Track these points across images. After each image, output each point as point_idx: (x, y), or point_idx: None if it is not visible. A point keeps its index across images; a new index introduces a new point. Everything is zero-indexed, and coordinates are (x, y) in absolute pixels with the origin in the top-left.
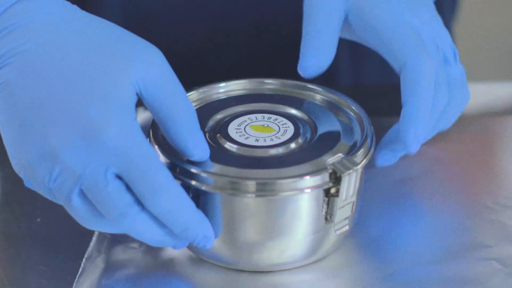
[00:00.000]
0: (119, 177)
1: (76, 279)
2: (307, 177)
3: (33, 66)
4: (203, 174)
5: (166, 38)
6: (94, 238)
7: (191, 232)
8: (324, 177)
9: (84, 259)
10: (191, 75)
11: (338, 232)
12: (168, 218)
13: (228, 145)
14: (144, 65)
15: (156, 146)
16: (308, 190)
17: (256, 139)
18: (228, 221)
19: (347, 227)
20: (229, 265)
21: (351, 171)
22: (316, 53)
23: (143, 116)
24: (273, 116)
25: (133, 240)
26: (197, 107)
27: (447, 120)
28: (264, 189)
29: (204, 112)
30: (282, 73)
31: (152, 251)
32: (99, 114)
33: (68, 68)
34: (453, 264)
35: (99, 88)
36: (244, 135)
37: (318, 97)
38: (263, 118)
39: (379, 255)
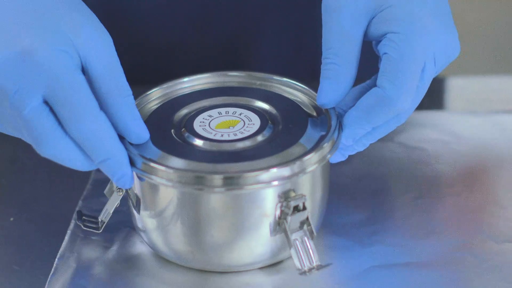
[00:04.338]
0: (45, 102)
1: (49, 278)
2: (274, 170)
3: None
4: (169, 170)
5: (145, 31)
6: (66, 238)
7: (111, 165)
8: (292, 168)
9: (56, 259)
10: (169, 67)
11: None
12: (88, 145)
13: (193, 140)
14: (92, 37)
15: None
16: (276, 183)
17: (221, 134)
18: (197, 219)
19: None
20: (200, 266)
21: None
22: (335, 88)
23: None
24: (239, 110)
25: (105, 239)
26: (162, 103)
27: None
28: (230, 183)
29: (169, 108)
30: (261, 64)
31: (125, 251)
32: (37, 40)
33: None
34: (428, 260)
35: (43, 24)
36: (209, 129)
37: (285, 89)
38: (228, 113)
39: (351, 252)
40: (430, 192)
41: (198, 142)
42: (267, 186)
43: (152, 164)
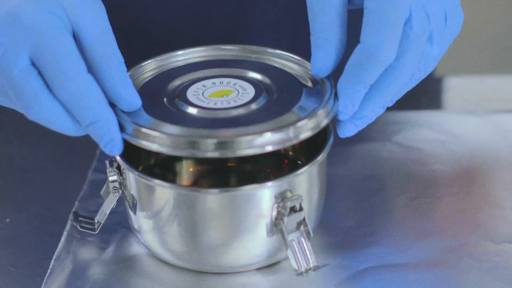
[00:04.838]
0: (33, 64)
1: (45, 279)
2: (268, 134)
3: None
4: (162, 135)
5: (140, 15)
6: (62, 239)
7: (98, 129)
8: (287, 133)
9: (52, 260)
10: (171, 44)
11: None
12: (75, 107)
13: (186, 108)
14: (85, 2)
15: None
16: (270, 148)
17: (215, 102)
18: (193, 220)
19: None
20: (196, 267)
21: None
22: (326, 55)
23: None
24: (233, 80)
25: (101, 240)
26: (156, 74)
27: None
28: (223, 148)
29: (163, 78)
30: (263, 42)
31: (122, 252)
32: (25, 1)
33: None
34: (425, 261)
35: None
36: (202, 98)
37: (280, 61)
38: (222, 83)
39: (348, 253)
40: (427, 193)
41: (191, 110)
42: (260, 151)
43: (143, 130)
